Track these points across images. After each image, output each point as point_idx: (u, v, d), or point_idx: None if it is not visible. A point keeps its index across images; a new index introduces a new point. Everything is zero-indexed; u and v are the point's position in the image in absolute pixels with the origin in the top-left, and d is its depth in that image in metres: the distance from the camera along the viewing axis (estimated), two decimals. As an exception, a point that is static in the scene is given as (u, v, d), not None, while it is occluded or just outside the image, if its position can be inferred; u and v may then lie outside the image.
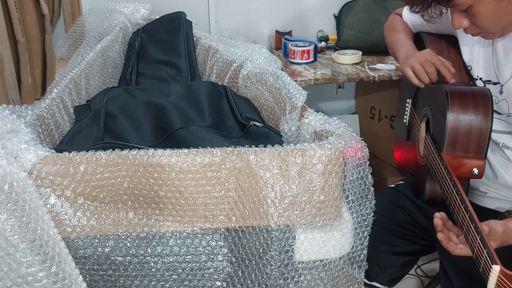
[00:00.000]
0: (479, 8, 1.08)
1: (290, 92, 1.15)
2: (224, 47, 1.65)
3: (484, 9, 1.08)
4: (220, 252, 0.90)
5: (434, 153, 1.19)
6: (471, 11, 1.09)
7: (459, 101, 1.16)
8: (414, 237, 1.40)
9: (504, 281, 0.83)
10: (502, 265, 0.86)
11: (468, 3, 1.07)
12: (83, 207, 0.84)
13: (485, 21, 1.10)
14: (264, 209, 0.84)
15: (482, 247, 0.91)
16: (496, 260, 0.87)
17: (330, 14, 2.32)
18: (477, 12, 1.08)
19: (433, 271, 2.02)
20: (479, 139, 1.15)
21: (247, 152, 0.84)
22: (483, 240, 0.91)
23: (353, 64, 2.09)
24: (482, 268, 0.91)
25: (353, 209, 0.91)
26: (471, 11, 1.09)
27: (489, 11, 1.08)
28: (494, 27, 1.12)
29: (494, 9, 1.07)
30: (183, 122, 1.15)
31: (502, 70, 1.19)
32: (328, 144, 0.85)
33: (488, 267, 0.87)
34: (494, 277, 0.85)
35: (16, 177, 0.78)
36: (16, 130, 0.87)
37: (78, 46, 1.81)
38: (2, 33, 1.41)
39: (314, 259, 0.89)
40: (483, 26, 1.11)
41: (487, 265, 0.88)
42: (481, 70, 1.25)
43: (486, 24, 1.11)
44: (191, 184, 0.83)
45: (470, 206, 1.00)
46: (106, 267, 0.89)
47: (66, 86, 1.25)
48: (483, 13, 1.08)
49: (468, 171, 1.15)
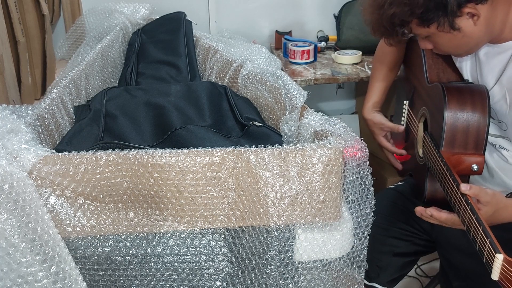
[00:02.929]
0: (435, 39, 1.14)
1: (290, 92, 1.15)
2: (224, 47, 1.65)
3: (440, 41, 1.14)
4: (220, 252, 0.90)
5: (433, 151, 1.19)
6: (431, 39, 1.16)
7: (457, 98, 1.16)
8: (414, 238, 1.40)
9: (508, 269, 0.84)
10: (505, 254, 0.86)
11: (425, 34, 1.15)
12: (83, 207, 0.84)
13: (445, 48, 1.18)
14: (264, 209, 0.84)
15: (485, 237, 0.91)
16: (499, 249, 0.87)
17: (330, 14, 2.32)
18: (435, 41, 1.16)
19: (433, 271, 2.02)
20: (477, 135, 1.15)
21: (247, 152, 0.84)
22: (485, 230, 0.91)
23: (353, 64, 2.09)
24: (485, 259, 0.91)
25: (353, 209, 0.91)
26: (431, 38, 1.16)
27: (445, 42, 1.14)
28: (454, 53, 1.21)
29: (451, 40, 1.12)
30: (183, 122, 1.15)
31: (486, 78, 1.20)
32: (328, 144, 0.85)
33: (492, 256, 0.88)
34: (498, 266, 0.86)
35: (16, 177, 0.78)
36: (16, 130, 0.87)
37: (78, 46, 1.81)
38: (2, 33, 1.41)
39: (314, 259, 0.89)
40: (445, 52, 1.20)
41: (490, 255, 0.88)
42: (470, 77, 1.26)
43: (447, 50, 1.19)
44: (191, 184, 0.83)
45: (471, 199, 1.00)
46: (106, 267, 0.89)
47: (66, 86, 1.25)
48: (440, 43, 1.15)
49: (468, 168, 1.15)
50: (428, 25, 1.09)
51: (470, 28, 1.08)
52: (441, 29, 1.08)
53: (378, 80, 1.50)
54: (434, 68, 1.33)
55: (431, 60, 1.33)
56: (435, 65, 1.33)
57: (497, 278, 0.87)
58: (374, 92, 1.51)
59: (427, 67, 1.33)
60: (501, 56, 1.15)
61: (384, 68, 1.49)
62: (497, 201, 1.05)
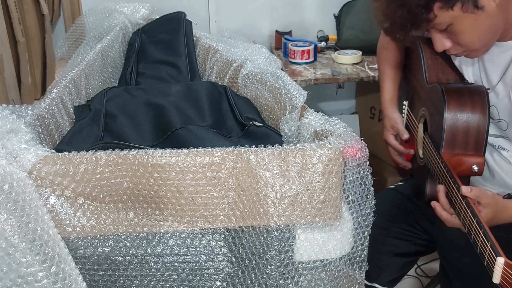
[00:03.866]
0: (458, 25, 1.08)
1: (290, 92, 1.15)
2: (224, 47, 1.65)
3: (464, 25, 1.08)
4: (220, 252, 0.90)
5: (433, 152, 1.19)
6: (451, 30, 1.10)
7: (456, 99, 1.16)
8: (414, 238, 1.39)
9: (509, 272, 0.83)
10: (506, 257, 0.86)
11: (447, 22, 1.08)
12: (83, 207, 0.84)
13: (466, 38, 1.11)
14: (264, 209, 0.84)
15: (486, 240, 0.91)
16: (500, 252, 0.86)
17: (330, 14, 2.32)
18: (457, 29, 1.09)
19: (433, 271, 2.02)
20: (477, 136, 1.15)
21: (247, 152, 0.84)
22: (486, 233, 0.91)
23: (353, 64, 2.09)
24: (486, 262, 0.90)
25: (353, 209, 0.91)
26: (451, 29, 1.10)
27: (469, 27, 1.08)
28: (476, 43, 1.13)
29: (474, 24, 1.08)
30: (183, 122, 1.15)
31: (490, 75, 1.19)
32: (328, 144, 0.85)
33: (493, 260, 0.87)
34: (499, 270, 0.85)
35: (16, 177, 0.78)
36: (16, 130, 0.87)
37: (78, 46, 1.80)
38: (2, 33, 1.41)
39: (314, 259, 0.89)
40: (466, 43, 1.12)
41: (491, 258, 0.88)
42: (471, 76, 1.26)
43: (468, 41, 1.12)
44: (191, 184, 0.83)
45: (471, 201, 1.00)
46: (106, 267, 0.89)
47: (66, 86, 1.25)
48: (464, 29, 1.09)
49: (468, 169, 1.15)
50: (452, 6, 1.06)
51: (492, 8, 1.06)
52: (465, 9, 1.05)
53: (387, 79, 1.48)
54: (433, 69, 1.33)
55: (430, 60, 1.33)
56: (434, 65, 1.33)
57: (498, 281, 0.86)
58: (386, 89, 1.48)
59: (426, 67, 1.32)
60: (505, 54, 1.16)
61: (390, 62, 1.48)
62: (496, 202, 1.05)
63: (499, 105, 1.18)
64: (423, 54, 1.33)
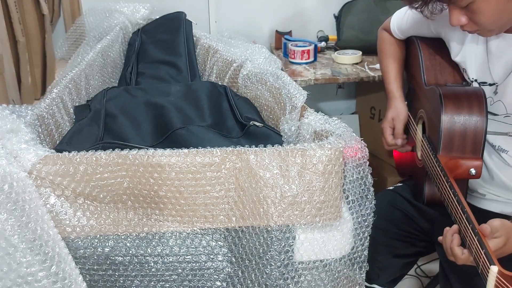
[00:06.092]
0: (480, 4, 1.06)
1: (290, 92, 1.15)
2: (224, 47, 1.65)
3: (485, 6, 1.06)
4: (220, 252, 0.90)
5: (431, 155, 1.19)
6: (471, 8, 1.08)
7: (453, 102, 1.16)
8: (414, 239, 1.39)
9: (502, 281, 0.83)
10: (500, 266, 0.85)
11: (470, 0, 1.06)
12: (83, 207, 0.84)
13: (485, 18, 1.09)
14: (264, 209, 0.84)
15: (480, 248, 0.91)
16: (494, 261, 0.86)
17: (330, 14, 2.32)
18: (478, 8, 1.07)
19: (433, 271, 2.02)
20: (474, 139, 1.15)
21: (247, 152, 0.84)
22: (481, 241, 0.91)
23: (353, 64, 2.09)
24: (480, 270, 0.90)
25: (353, 209, 0.91)
26: (471, 7, 1.07)
27: (490, 8, 1.06)
28: (493, 24, 1.11)
29: (495, 6, 1.06)
30: (183, 122, 1.15)
31: (497, 70, 1.19)
32: (328, 144, 0.85)
33: (486, 268, 0.87)
34: (492, 278, 0.85)
35: (16, 177, 0.78)
36: (16, 130, 0.87)
37: (78, 46, 1.80)
38: (2, 33, 1.41)
39: (314, 259, 0.89)
40: (483, 23, 1.10)
41: (485, 266, 0.88)
42: (475, 71, 1.24)
43: (486, 21, 1.09)
44: (191, 184, 0.83)
45: (467, 208, 0.99)
46: (106, 267, 0.89)
47: (66, 86, 1.25)
48: (484, 10, 1.07)
49: (465, 172, 1.14)
50: None
51: None
52: None
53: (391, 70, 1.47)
54: (431, 70, 1.32)
55: (428, 61, 1.33)
56: (433, 66, 1.33)
57: None
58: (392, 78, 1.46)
59: (424, 68, 1.32)
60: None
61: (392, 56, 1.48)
62: (507, 229, 1.01)
63: (506, 100, 1.17)
64: (422, 55, 1.33)
